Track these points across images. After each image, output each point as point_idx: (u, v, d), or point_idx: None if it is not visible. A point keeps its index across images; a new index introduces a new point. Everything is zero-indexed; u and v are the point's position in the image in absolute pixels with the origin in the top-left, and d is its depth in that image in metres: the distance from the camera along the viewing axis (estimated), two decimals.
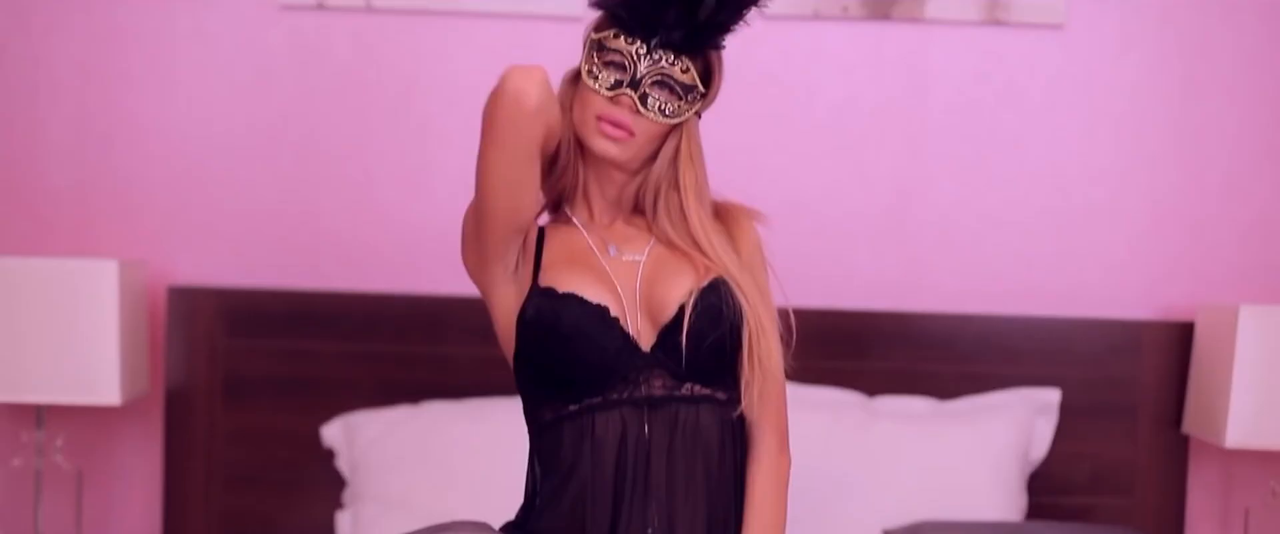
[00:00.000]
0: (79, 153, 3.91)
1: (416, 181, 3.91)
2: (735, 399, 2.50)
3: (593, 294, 2.46)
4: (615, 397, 2.44)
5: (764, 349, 2.50)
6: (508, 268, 2.50)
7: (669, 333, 2.46)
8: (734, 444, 2.53)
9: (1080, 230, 3.97)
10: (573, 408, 2.45)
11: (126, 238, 3.91)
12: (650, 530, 2.43)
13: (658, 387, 2.46)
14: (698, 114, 2.53)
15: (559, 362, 2.43)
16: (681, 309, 2.46)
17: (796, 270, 3.87)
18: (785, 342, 2.54)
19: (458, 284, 2.56)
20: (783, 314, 2.56)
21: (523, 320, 2.46)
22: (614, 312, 2.46)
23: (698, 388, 2.48)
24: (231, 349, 3.84)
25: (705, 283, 2.48)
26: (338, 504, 3.79)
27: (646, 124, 2.45)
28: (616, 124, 2.44)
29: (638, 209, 2.58)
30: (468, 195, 2.67)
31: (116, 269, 3.55)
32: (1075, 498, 3.87)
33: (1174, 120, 3.96)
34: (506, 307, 2.51)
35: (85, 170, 3.92)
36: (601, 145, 2.46)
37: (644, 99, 2.44)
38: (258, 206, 3.93)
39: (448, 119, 3.91)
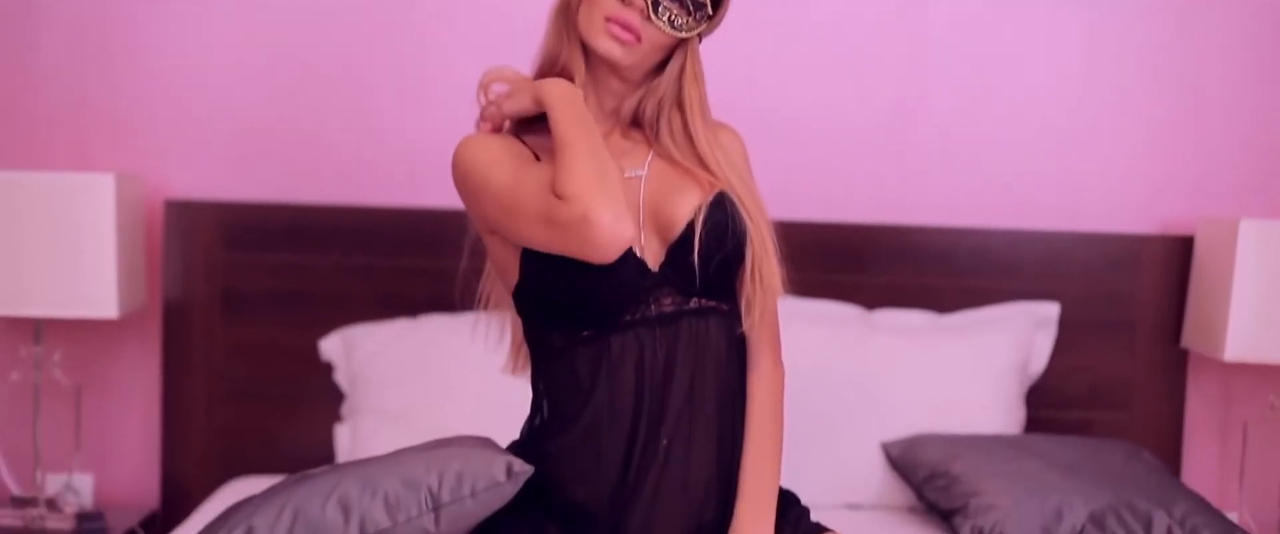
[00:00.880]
0: (76, 67, 3.89)
1: (415, 94, 3.89)
2: (736, 309, 2.51)
3: None
4: (629, 319, 2.44)
5: (768, 268, 2.50)
6: None
7: (677, 250, 2.46)
8: (739, 354, 2.54)
9: (1080, 144, 3.95)
10: (586, 333, 2.45)
11: (123, 152, 3.89)
12: (665, 441, 2.44)
13: (667, 304, 2.46)
14: (700, 36, 2.52)
15: (571, 293, 2.41)
16: (690, 225, 2.45)
17: (796, 184, 3.90)
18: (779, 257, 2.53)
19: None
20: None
21: (530, 255, 2.43)
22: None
23: (704, 301, 2.49)
24: (229, 263, 3.83)
25: (711, 199, 2.48)
26: (336, 418, 3.80)
27: (654, 32, 2.43)
28: (625, 26, 2.42)
29: (634, 123, 2.57)
30: (466, 107, 2.65)
31: (113, 183, 3.54)
32: (1074, 412, 3.88)
33: (1175, 34, 3.94)
34: (507, 247, 2.50)
35: (82, 84, 3.89)
36: (606, 45, 2.44)
37: (655, 5, 2.42)
38: (255, 120, 3.91)
39: (446, 32, 3.89)
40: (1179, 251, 3.88)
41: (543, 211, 2.33)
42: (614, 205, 2.29)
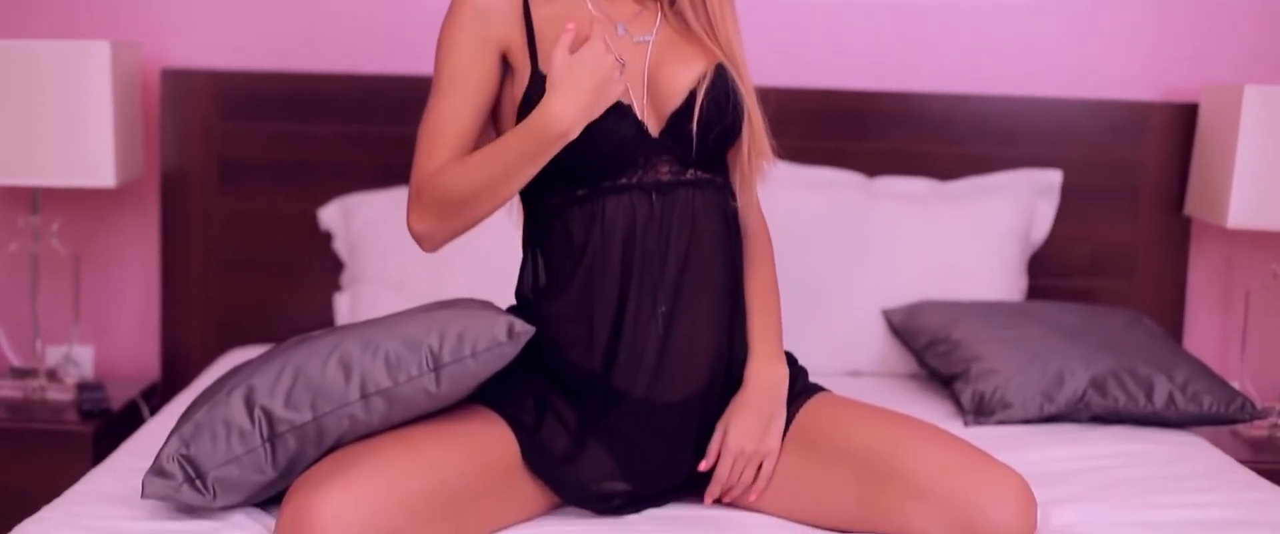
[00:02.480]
0: None
1: None
2: (729, 184, 2.54)
3: None
4: (624, 182, 2.45)
5: (761, 143, 2.53)
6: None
7: (677, 119, 2.46)
8: (734, 226, 2.57)
9: (1085, 9, 3.92)
10: (581, 193, 2.46)
11: (119, 19, 3.86)
12: (662, 308, 2.47)
13: (664, 172, 2.48)
14: None
15: (569, 152, 2.40)
16: (691, 95, 2.47)
17: (796, 49, 3.87)
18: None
19: None
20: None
21: (531, 106, 2.42)
22: (625, 99, 2.44)
23: (700, 173, 2.50)
24: (227, 132, 3.81)
25: (712, 70, 2.49)
26: (335, 286, 3.79)
27: None
28: None
29: None
30: None
31: (109, 51, 3.51)
32: (1075, 280, 3.87)
33: None
34: (509, 94, 2.51)
35: None
36: None
37: None
38: None
39: None
40: (1183, 119, 3.85)
41: (422, 146, 2.49)
42: (436, 234, 2.48)
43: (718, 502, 2.59)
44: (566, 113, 2.32)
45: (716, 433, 2.53)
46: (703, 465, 2.53)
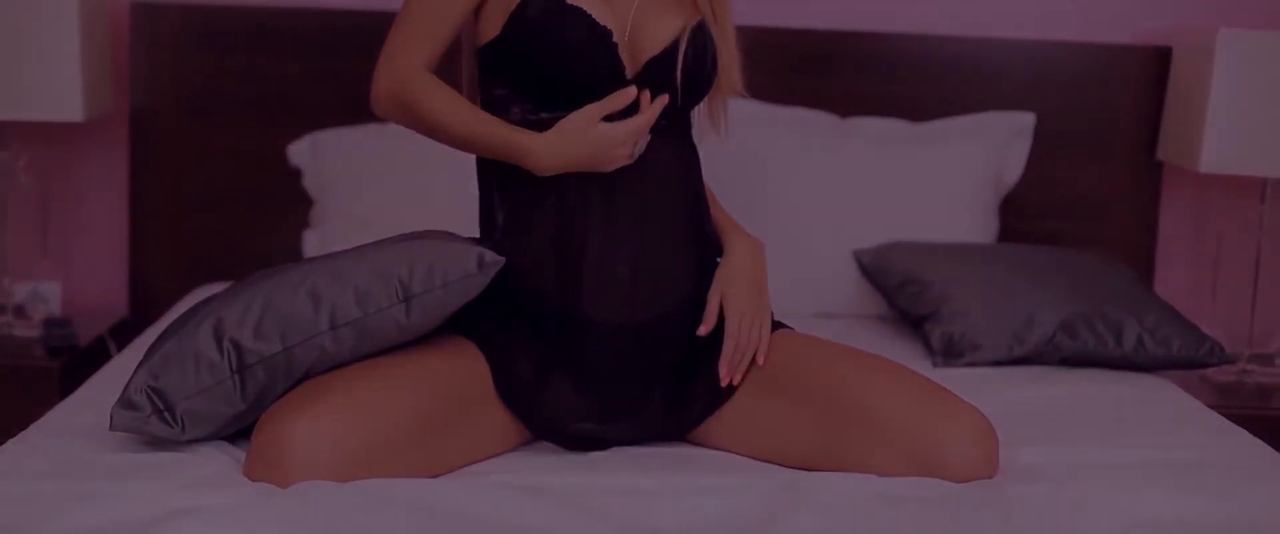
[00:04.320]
0: None
1: None
2: (687, 129, 2.58)
3: (599, 14, 2.46)
4: None
5: (733, 78, 2.58)
6: None
7: (652, 68, 2.48)
8: (695, 169, 2.59)
9: None
10: (544, 116, 2.47)
11: None
12: (624, 250, 2.48)
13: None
14: None
15: (546, 71, 2.45)
16: (672, 46, 2.49)
17: None
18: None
19: None
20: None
21: (522, 18, 2.44)
22: (609, 27, 2.47)
23: (664, 120, 2.51)
24: (196, 67, 3.78)
25: (694, 24, 2.51)
26: (305, 223, 3.77)
27: None
28: None
29: None
30: None
31: None
32: (1048, 223, 3.87)
33: None
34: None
35: None
36: None
37: None
38: None
39: None
40: (1157, 62, 3.85)
41: (403, 28, 2.51)
42: (392, 120, 2.58)
43: (696, 444, 2.59)
44: (547, 160, 2.42)
45: (711, 300, 2.55)
46: (703, 329, 2.54)
